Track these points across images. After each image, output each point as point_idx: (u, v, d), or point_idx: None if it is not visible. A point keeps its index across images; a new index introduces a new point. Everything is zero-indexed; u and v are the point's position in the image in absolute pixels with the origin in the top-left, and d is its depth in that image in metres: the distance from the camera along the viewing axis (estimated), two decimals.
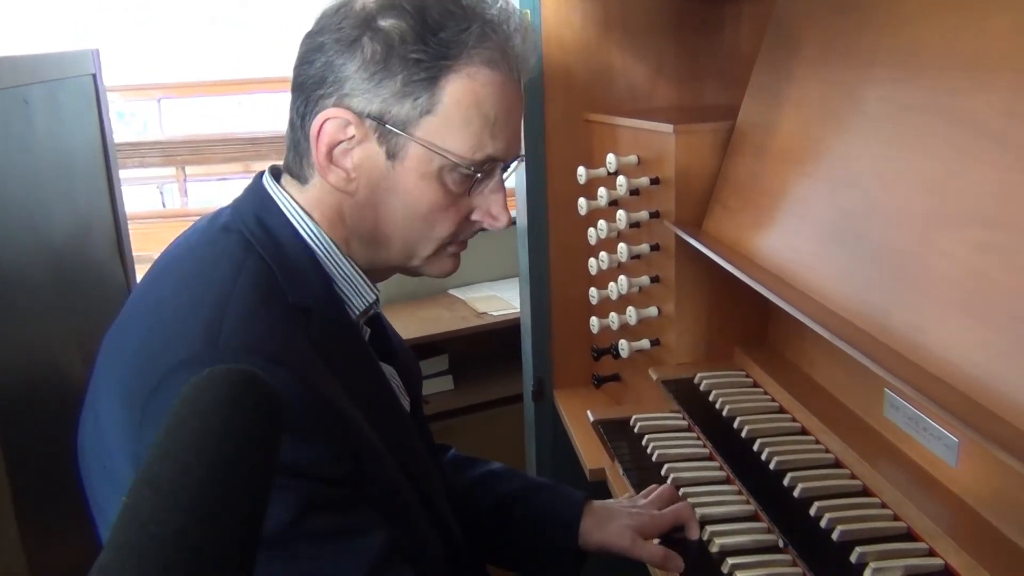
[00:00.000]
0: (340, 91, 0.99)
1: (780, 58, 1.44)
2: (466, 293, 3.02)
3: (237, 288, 0.96)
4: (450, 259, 1.12)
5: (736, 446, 1.29)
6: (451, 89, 0.99)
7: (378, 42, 0.98)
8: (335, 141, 1.01)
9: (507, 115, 1.03)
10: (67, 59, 1.51)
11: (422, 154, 1.00)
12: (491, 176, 1.06)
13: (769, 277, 1.28)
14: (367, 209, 1.04)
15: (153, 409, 0.90)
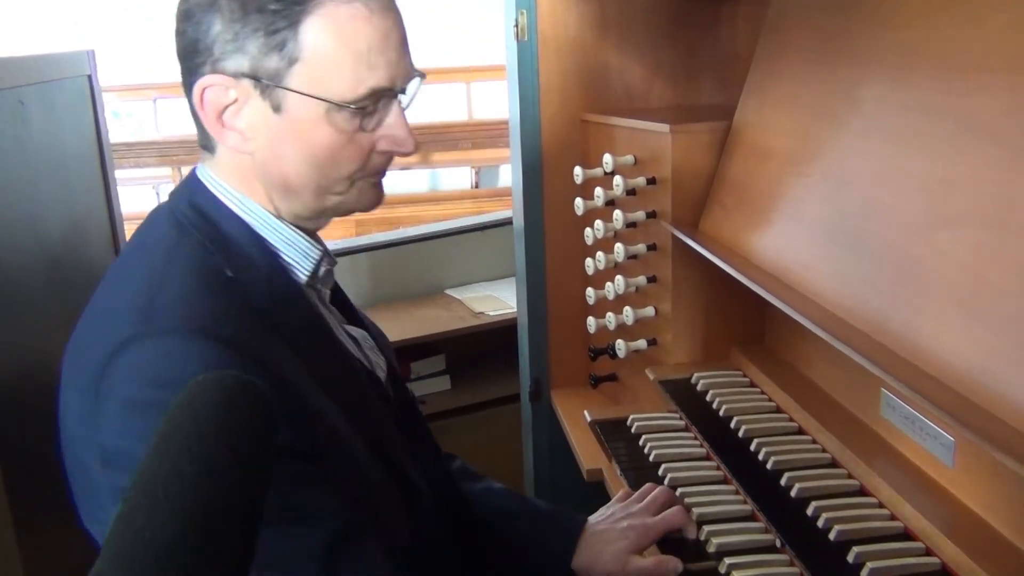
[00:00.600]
0: (211, 57, 1.00)
1: (776, 58, 1.45)
2: (463, 293, 3.02)
3: (170, 268, 0.99)
4: (371, 190, 1.10)
5: (733, 446, 1.29)
6: (312, 33, 0.98)
7: (233, 0, 0.97)
8: (221, 106, 1.01)
9: (382, 43, 1.01)
10: (63, 60, 1.51)
11: (304, 102, 1.00)
12: (387, 107, 1.05)
13: (766, 277, 1.28)
14: (270, 163, 1.04)
15: (104, 395, 0.93)
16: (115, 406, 0.93)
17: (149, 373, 0.92)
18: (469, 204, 6.83)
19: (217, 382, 0.71)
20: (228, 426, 0.68)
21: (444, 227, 3.21)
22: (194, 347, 0.92)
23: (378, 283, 3.00)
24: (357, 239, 3.31)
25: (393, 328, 2.73)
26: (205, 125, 1.04)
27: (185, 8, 1.01)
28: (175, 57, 1.05)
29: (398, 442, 1.14)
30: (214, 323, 0.94)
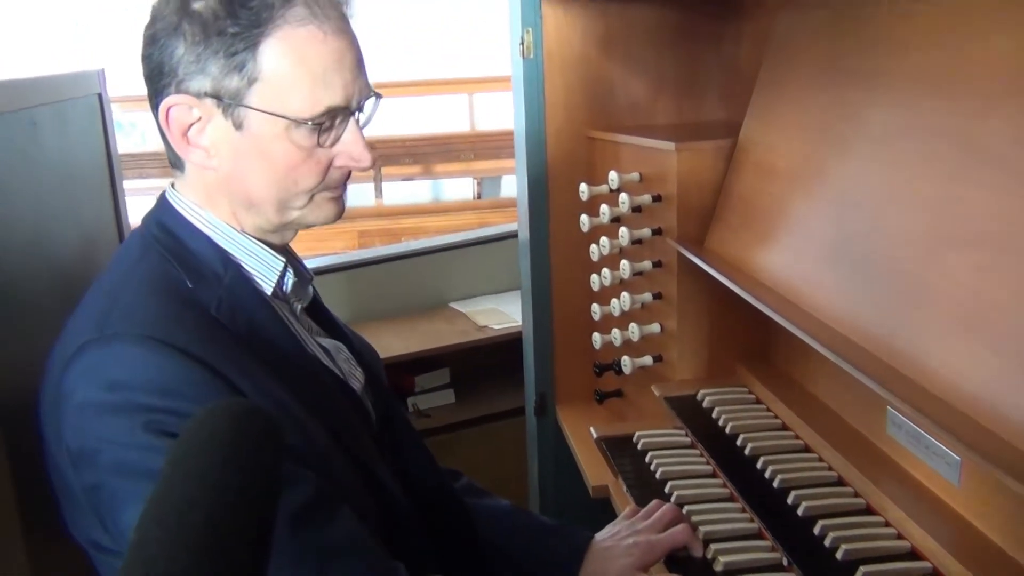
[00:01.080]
0: (175, 78, 1.05)
1: (781, 78, 1.46)
2: (467, 307, 3.03)
3: (129, 280, 1.05)
4: (329, 204, 1.14)
5: (739, 464, 1.30)
6: (270, 54, 1.03)
7: (196, 24, 1.03)
8: (185, 124, 1.06)
9: (336, 63, 1.06)
10: (75, 80, 1.53)
11: (264, 119, 1.05)
12: (343, 124, 1.09)
13: (771, 295, 1.29)
14: (233, 179, 1.09)
15: (62, 400, 0.99)
16: (72, 409, 0.99)
17: (100, 377, 0.98)
18: (471, 215, 6.84)
19: (225, 409, 0.72)
20: (238, 453, 0.69)
21: (448, 240, 3.21)
22: (142, 351, 0.97)
23: (382, 296, 3.01)
24: (361, 252, 3.33)
25: (397, 341, 2.75)
26: (171, 143, 1.09)
27: (151, 33, 1.06)
28: (144, 77, 1.09)
29: (371, 451, 1.17)
30: (164, 329, 0.99)
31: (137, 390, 0.97)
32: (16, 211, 1.25)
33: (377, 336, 2.67)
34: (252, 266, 1.12)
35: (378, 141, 6.89)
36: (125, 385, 0.97)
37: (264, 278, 1.13)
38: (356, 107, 1.10)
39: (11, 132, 1.25)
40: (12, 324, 1.21)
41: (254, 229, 1.13)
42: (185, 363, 0.97)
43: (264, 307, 1.11)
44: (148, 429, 0.96)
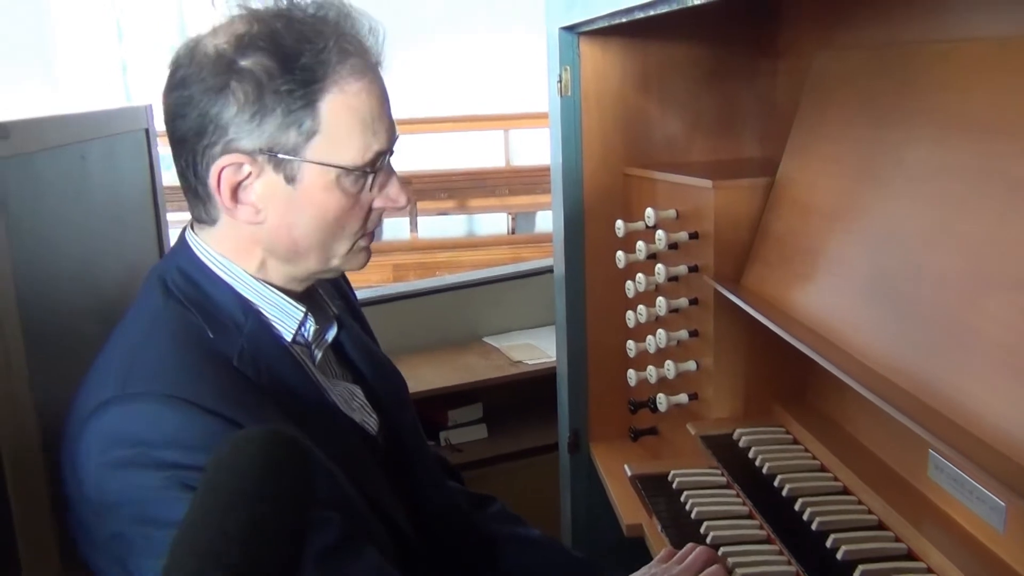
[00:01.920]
0: (224, 137, 1.05)
1: (819, 116, 1.46)
2: (501, 341, 3.03)
3: (152, 334, 1.06)
4: (363, 253, 1.18)
5: (777, 505, 1.28)
6: (328, 109, 1.07)
7: (248, 83, 1.03)
8: (235, 183, 1.08)
9: (380, 109, 1.11)
10: (123, 115, 1.57)
11: (318, 171, 1.08)
12: (383, 167, 1.13)
13: (809, 334, 1.27)
14: (280, 231, 1.11)
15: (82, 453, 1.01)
16: (94, 466, 1.00)
17: (122, 435, 0.99)
18: (506, 249, 6.87)
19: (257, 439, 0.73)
20: (270, 483, 0.69)
21: (483, 275, 3.23)
22: (165, 409, 0.99)
23: (416, 330, 3.02)
24: (396, 286, 3.35)
25: (430, 375, 2.75)
26: (219, 202, 1.09)
27: (185, 94, 1.06)
28: (172, 139, 1.10)
29: (386, 494, 1.19)
30: (186, 387, 1.00)
31: (160, 447, 0.98)
32: (65, 242, 1.29)
33: (411, 369, 2.68)
34: (272, 314, 1.14)
35: (413, 176, 6.96)
36: (148, 443, 0.98)
37: (284, 325, 1.15)
38: (392, 148, 1.14)
39: (62, 166, 1.29)
40: (58, 351, 1.23)
41: (284, 279, 1.15)
42: (207, 420, 0.99)
43: (284, 355, 1.13)
44: (171, 483, 0.97)
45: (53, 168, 1.26)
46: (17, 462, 1.10)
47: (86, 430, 1.01)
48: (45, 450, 1.16)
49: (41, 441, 1.17)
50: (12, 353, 1.10)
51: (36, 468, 1.15)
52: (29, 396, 1.13)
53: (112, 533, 1.01)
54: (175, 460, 0.97)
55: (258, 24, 1.05)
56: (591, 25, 1.62)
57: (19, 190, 1.14)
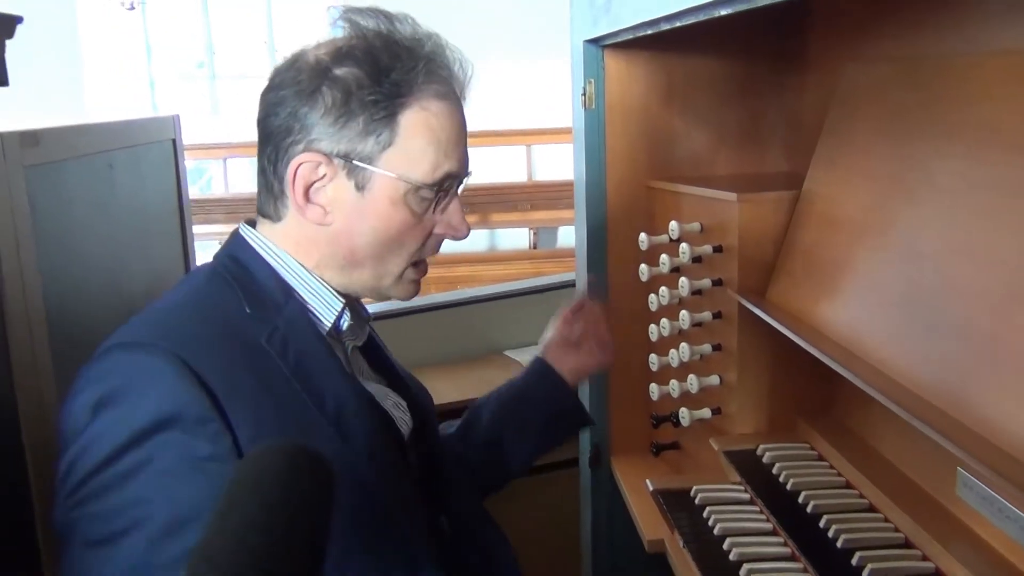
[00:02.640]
0: (308, 137, 1.10)
1: (846, 130, 1.45)
2: (522, 355, 3.02)
3: (180, 303, 1.11)
4: (412, 284, 1.21)
5: (801, 522, 1.26)
6: (407, 123, 1.10)
7: (337, 89, 1.08)
8: (310, 182, 1.11)
9: (457, 137, 1.15)
10: (150, 125, 1.59)
11: (388, 182, 1.11)
12: (448, 193, 1.16)
13: (836, 349, 1.26)
14: (342, 236, 1.14)
15: (85, 376, 1.01)
16: (72, 397, 1.01)
17: (108, 374, 1.00)
18: (527, 264, 6.87)
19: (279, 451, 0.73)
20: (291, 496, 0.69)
21: (504, 289, 3.22)
22: (157, 362, 0.99)
23: (437, 343, 3.02)
24: (417, 299, 3.34)
25: (451, 389, 2.74)
26: (291, 197, 1.13)
27: (281, 95, 1.12)
28: (261, 135, 1.15)
29: (406, 495, 1.19)
30: (191, 350, 1.01)
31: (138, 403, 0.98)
32: (92, 249, 1.30)
33: (431, 383, 2.65)
34: (312, 303, 1.16)
35: None
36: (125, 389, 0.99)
37: (322, 315, 1.17)
38: (463, 177, 1.18)
39: (89, 174, 1.30)
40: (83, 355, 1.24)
41: (337, 286, 1.18)
42: (194, 391, 0.99)
43: (319, 342, 1.15)
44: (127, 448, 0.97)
45: (81, 176, 1.27)
46: (40, 463, 1.11)
47: (84, 373, 1.02)
48: None
49: None
50: (39, 356, 1.11)
51: None
52: (55, 399, 1.14)
53: (57, 466, 1.01)
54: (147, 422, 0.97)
55: (357, 39, 1.11)
56: (616, 38, 1.62)
57: (48, 196, 1.16)
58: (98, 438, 0.97)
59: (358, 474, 1.10)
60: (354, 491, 1.09)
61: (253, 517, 0.67)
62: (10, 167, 1.04)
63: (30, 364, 1.08)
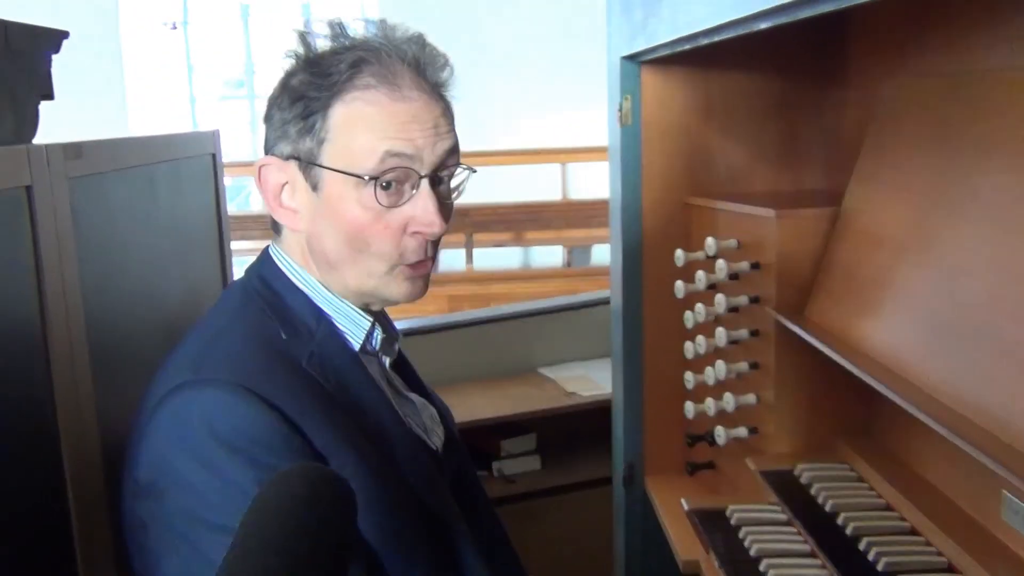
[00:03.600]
0: (270, 144, 1.15)
1: (888, 144, 1.43)
2: (556, 372, 3.01)
3: (229, 329, 1.11)
4: (407, 282, 1.16)
5: (840, 544, 1.24)
6: (338, 116, 1.10)
7: (288, 95, 1.12)
8: (277, 186, 1.14)
9: (401, 125, 1.10)
10: (190, 140, 1.61)
11: (335, 179, 1.10)
12: (415, 188, 1.11)
13: (877, 368, 1.24)
14: (314, 240, 1.15)
15: (146, 435, 1.04)
16: (154, 444, 1.03)
17: (187, 416, 1.02)
18: (561, 282, 6.86)
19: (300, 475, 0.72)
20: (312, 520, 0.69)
21: (538, 305, 3.22)
22: (234, 399, 1.02)
23: (470, 360, 3.02)
24: (451, 315, 3.36)
25: (484, 404, 2.74)
26: (266, 204, 1.16)
27: (267, 109, 1.17)
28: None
29: (452, 508, 1.19)
30: (256, 381, 1.03)
31: (222, 436, 1.00)
32: (132, 261, 1.32)
33: (465, 399, 2.68)
34: (341, 323, 1.17)
35: (471, 208, 7.01)
36: (215, 428, 1.01)
37: (353, 335, 1.17)
38: (430, 172, 1.12)
39: (131, 187, 1.32)
40: (121, 367, 1.26)
41: (341, 291, 1.18)
42: (271, 417, 1.02)
43: (353, 362, 1.15)
44: (221, 476, 0.99)
45: (123, 188, 1.29)
46: (78, 475, 1.12)
47: (156, 413, 1.04)
48: (105, 464, 1.18)
49: (102, 457, 1.19)
50: (78, 368, 1.12)
51: (96, 481, 1.17)
52: (93, 408, 1.16)
53: (144, 520, 1.03)
54: (234, 451, 1.00)
55: (306, 46, 1.15)
56: (653, 54, 1.61)
57: (90, 208, 1.18)
58: (192, 477, 1.00)
59: (405, 487, 1.12)
60: (403, 503, 1.09)
61: (274, 541, 0.67)
62: (54, 178, 1.06)
63: (69, 373, 1.10)
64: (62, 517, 1.13)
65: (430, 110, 1.13)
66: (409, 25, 1.18)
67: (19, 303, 1.03)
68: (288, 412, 1.03)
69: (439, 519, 1.16)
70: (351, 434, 1.08)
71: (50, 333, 1.07)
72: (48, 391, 1.07)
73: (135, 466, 1.05)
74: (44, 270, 1.05)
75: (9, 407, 1.02)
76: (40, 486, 1.10)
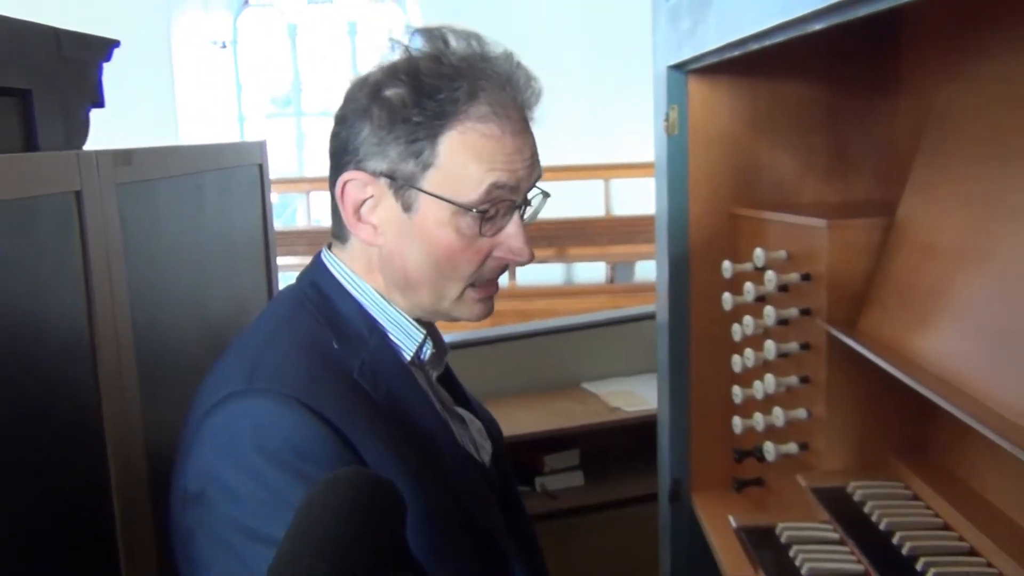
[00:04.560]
0: (356, 156, 1.11)
1: (944, 153, 1.39)
2: (599, 387, 2.98)
3: (280, 337, 1.10)
4: (479, 304, 1.18)
5: (896, 565, 1.19)
6: (448, 144, 1.08)
7: (383, 109, 1.08)
8: (358, 200, 1.12)
9: (506, 158, 1.10)
10: (238, 149, 1.63)
11: (433, 204, 1.09)
12: (507, 217, 1.12)
13: (936, 382, 1.20)
14: (395, 257, 1.13)
15: (196, 444, 1.04)
16: (203, 453, 1.02)
17: (239, 428, 1.01)
18: (604, 298, 6.82)
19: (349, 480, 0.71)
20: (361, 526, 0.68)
21: (581, 320, 3.20)
22: (285, 410, 1.01)
23: (513, 374, 3.01)
24: (495, 328, 3.35)
25: (526, 419, 2.72)
26: (343, 217, 1.14)
27: (342, 114, 1.13)
28: (328, 153, 1.16)
29: (500, 523, 1.17)
30: (307, 391, 1.03)
31: (271, 449, 0.99)
32: (180, 268, 1.33)
33: (508, 413, 2.66)
34: (394, 334, 1.16)
35: None
36: (263, 439, 1.00)
37: (405, 346, 1.16)
38: (521, 202, 1.14)
39: (179, 194, 1.33)
40: (165, 374, 1.27)
41: (403, 306, 1.17)
42: (321, 429, 1.01)
43: (404, 373, 1.14)
44: (269, 488, 0.98)
45: (170, 196, 1.31)
46: (124, 479, 1.13)
47: (206, 423, 1.03)
48: (149, 468, 1.18)
49: (147, 461, 1.19)
50: (125, 371, 1.13)
51: (141, 484, 1.18)
52: (139, 415, 1.16)
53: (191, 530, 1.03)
54: (283, 463, 0.99)
55: (408, 61, 1.11)
56: (701, 62, 1.59)
57: (138, 214, 1.19)
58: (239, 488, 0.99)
59: (455, 502, 1.10)
60: (453, 518, 1.09)
61: (322, 547, 0.66)
62: (103, 184, 1.07)
63: (116, 376, 1.11)
64: (107, 520, 1.14)
65: (529, 142, 1.14)
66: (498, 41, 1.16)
67: (68, 305, 1.04)
68: (338, 425, 1.02)
69: (488, 534, 1.15)
70: (401, 447, 1.07)
71: (97, 335, 1.08)
72: (95, 392, 1.08)
73: (183, 475, 1.05)
74: (92, 273, 1.06)
75: (56, 407, 1.03)
76: (85, 488, 1.11)
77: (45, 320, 1.01)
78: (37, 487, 1.01)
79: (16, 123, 1.05)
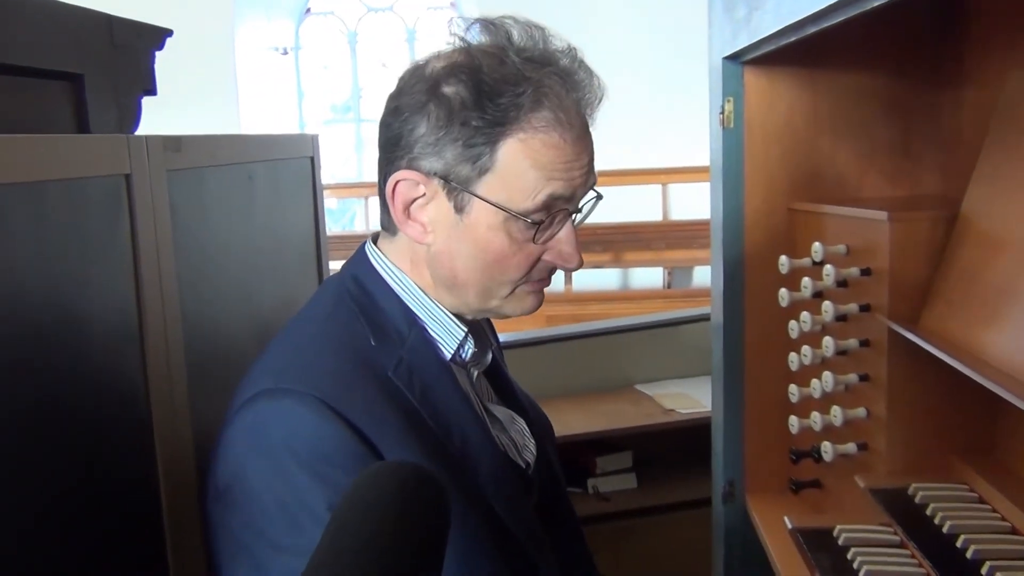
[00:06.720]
0: (410, 153, 1.07)
1: (1011, 144, 1.33)
2: (653, 389, 2.94)
3: (315, 337, 1.10)
4: (530, 297, 1.15)
5: (960, 569, 1.14)
6: (507, 152, 1.05)
7: (442, 107, 1.05)
8: (409, 199, 1.10)
9: (566, 166, 1.07)
10: (289, 141, 1.64)
11: (487, 209, 1.07)
12: (560, 223, 1.10)
13: (1006, 378, 1.14)
14: (444, 257, 1.11)
15: (224, 442, 1.04)
16: (232, 452, 1.03)
17: (262, 428, 1.01)
18: (661, 303, 6.76)
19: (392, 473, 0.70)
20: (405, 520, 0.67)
21: (636, 321, 3.17)
22: (310, 413, 1.00)
23: (566, 374, 2.99)
24: (549, 329, 3.33)
25: (579, 420, 2.70)
26: (392, 213, 1.12)
27: (395, 104, 1.10)
28: (378, 142, 1.14)
29: (532, 527, 1.15)
30: (335, 395, 1.01)
31: (295, 451, 0.99)
32: (229, 258, 1.34)
33: (560, 413, 2.64)
34: (434, 330, 1.14)
35: None
36: (287, 441, 1.00)
37: (444, 344, 1.15)
38: (575, 209, 1.12)
39: (229, 183, 1.34)
40: (213, 365, 1.27)
41: (449, 304, 1.15)
42: (347, 434, 1.00)
43: (442, 370, 1.13)
44: (290, 492, 0.98)
45: (221, 184, 1.32)
46: (171, 467, 1.14)
47: (235, 420, 1.04)
48: (197, 456, 1.19)
49: (194, 450, 1.20)
50: (173, 358, 1.13)
51: (188, 474, 1.18)
52: (186, 403, 1.17)
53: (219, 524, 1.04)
54: (306, 467, 0.98)
55: (470, 57, 1.07)
56: (757, 50, 1.56)
57: (187, 201, 1.20)
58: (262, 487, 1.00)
59: (485, 506, 1.09)
60: (481, 523, 1.07)
61: (364, 541, 0.65)
62: (152, 169, 1.08)
63: (164, 364, 1.12)
64: (154, 513, 1.14)
65: (588, 150, 1.11)
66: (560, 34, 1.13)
67: (116, 288, 1.05)
68: (365, 431, 1.01)
69: (518, 542, 1.12)
70: (432, 452, 1.05)
71: (146, 324, 1.09)
72: (143, 380, 1.09)
73: (214, 470, 1.06)
74: (141, 260, 1.07)
75: (105, 392, 1.04)
76: (133, 481, 1.12)
77: (93, 307, 1.02)
78: (85, 479, 1.02)
79: (68, 107, 1.06)
